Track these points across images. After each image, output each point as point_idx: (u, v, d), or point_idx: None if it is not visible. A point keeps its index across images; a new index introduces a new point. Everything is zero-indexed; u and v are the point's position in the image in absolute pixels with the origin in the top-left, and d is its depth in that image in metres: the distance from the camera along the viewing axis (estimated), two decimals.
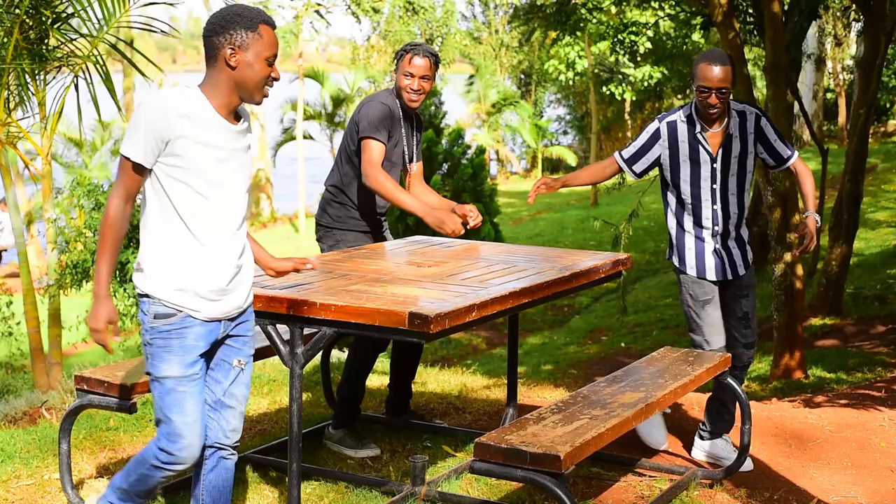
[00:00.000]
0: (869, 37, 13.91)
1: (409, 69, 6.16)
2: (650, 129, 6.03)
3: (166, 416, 4.18)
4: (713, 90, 5.71)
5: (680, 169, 5.95)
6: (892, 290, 14.86)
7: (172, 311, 4.12)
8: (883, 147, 31.34)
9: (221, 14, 4.08)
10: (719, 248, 5.99)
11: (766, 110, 6.09)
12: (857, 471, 6.18)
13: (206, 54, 4.10)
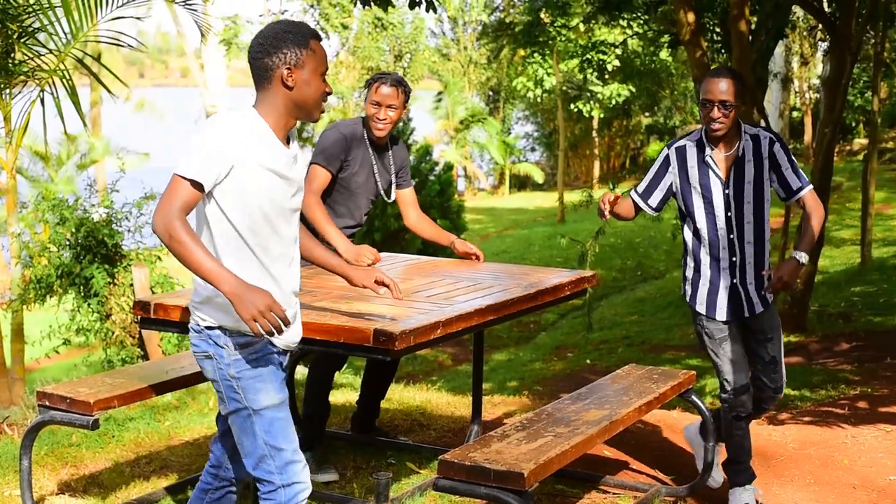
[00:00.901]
0: (835, 56, 13.98)
1: (376, 98, 6.12)
2: (660, 157, 5.74)
3: (275, 447, 3.99)
4: (715, 103, 5.40)
5: (693, 196, 5.61)
6: (857, 307, 14.93)
7: (254, 339, 3.94)
8: (848, 165, 31.53)
9: (269, 33, 3.93)
10: (736, 284, 5.61)
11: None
12: (819, 488, 6.21)
13: (258, 76, 3.95)
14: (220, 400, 4.05)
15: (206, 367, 4.02)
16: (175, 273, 10.18)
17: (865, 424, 7.63)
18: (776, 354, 5.73)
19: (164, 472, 6.30)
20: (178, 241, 3.71)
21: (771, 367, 5.73)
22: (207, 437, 6.95)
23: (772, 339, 5.71)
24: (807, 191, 5.60)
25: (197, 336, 4.01)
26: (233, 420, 4.02)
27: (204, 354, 4.00)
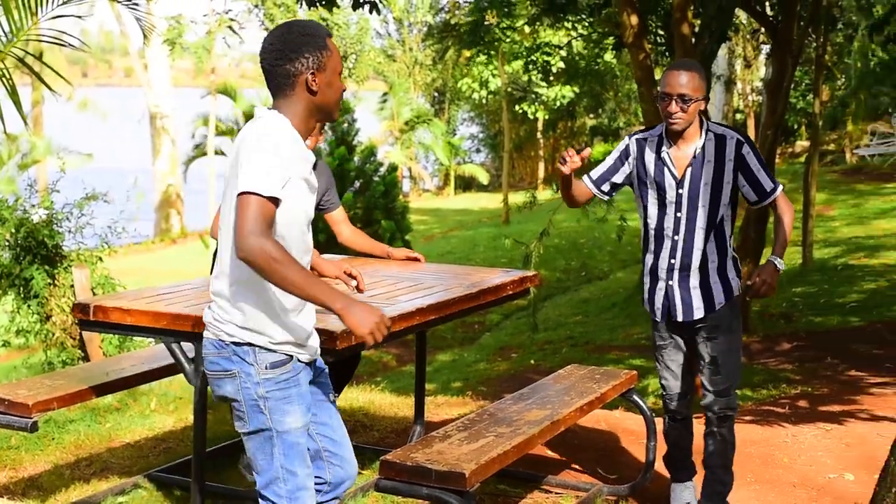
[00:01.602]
0: (777, 59, 14.10)
1: None
2: (621, 146, 5.48)
3: (289, 470, 3.86)
4: (673, 97, 5.10)
5: (646, 191, 5.36)
6: (798, 308, 15.07)
7: (285, 359, 3.83)
8: (790, 167, 31.78)
9: (287, 39, 3.80)
10: (672, 287, 5.36)
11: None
12: (760, 486, 6.25)
13: (278, 83, 3.81)
14: (238, 418, 3.88)
15: (224, 386, 3.85)
16: (116, 274, 10.11)
17: (806, 423, 7.69)
18: (717, 355, 5.39)
19: (105, 474, 6.25)
20: (281, 261, 3.54)
21: (710, 368, 5.42)
22: (149, 439, 6.91)
23: (715, 338, 5.38)
24: (779, 192, 5.33)
25: (217, 353, 3.85)
26: (250, 438, 3.88)
27: (225, 373, 3.84)
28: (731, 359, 5.45)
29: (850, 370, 10.66)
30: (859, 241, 20.30)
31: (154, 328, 4.79)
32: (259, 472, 3.89)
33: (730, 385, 5.47)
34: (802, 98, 33.94)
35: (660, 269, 5.38)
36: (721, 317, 5.38)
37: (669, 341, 5.52)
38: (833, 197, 26.12)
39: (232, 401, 3.86)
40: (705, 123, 5.28)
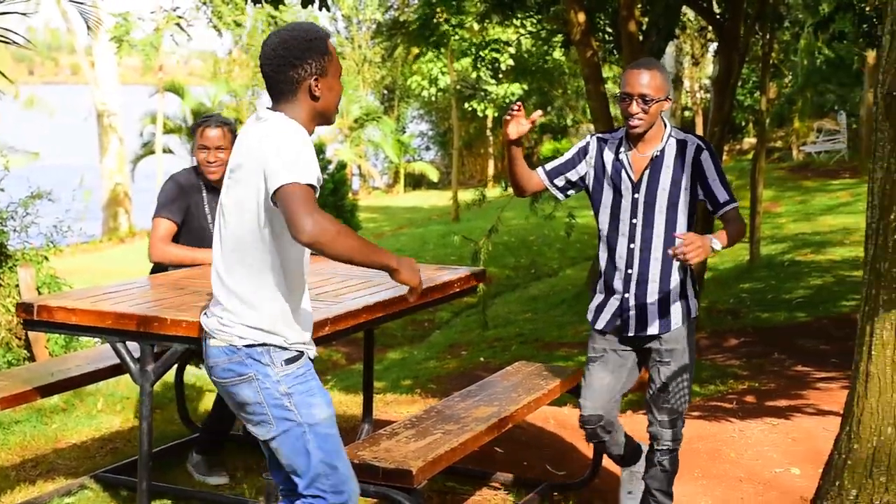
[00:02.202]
0: (723, 57, 14.18)
1: (203, 142, 6.06)
2: (581, 143, 5.18)
3: (331, 464, 3.87)
4: (634, 97, 4.84)
5: (603, 194, 5.06)
6: (745, 304, 15.16)
7: (297, 354, 3.85)
8: (738, 164, 31.99)
9: (289, 44, 3.80)
10: (627, 300, 5.05)
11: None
12: (707, 481, 6.29)
13: (281, 88, 3.82)
14: (260, 424, 3.86)
15: (242, 392, 3.83)
16: (63, 274, 10.03)
17: (752, 418, 7.75)
18: (668, 382, 5.06)
19: (51, 475, 6.20)
20: (343, 232, 3.58)
21: (661, 395, 5.10)
22: (95, 440, 6.86)
23: (668, 362, 5.06)
24: (731, 207, 4.95)
25: (229, 359, 3.83)
26: (281, 441, 3.84)
27: (241, 378, 3.82)
28: (682, 386, 5.11)
29: (797, 365, 10.75)
30: (806, 237, 20.46)
31: (99, 328, 4.75)
32: (300, 473, 3.87)
33: (678, 416, 5.14)
34: (750, 95, 34.16)
35: (615, 279, 5.06)
36: (677, 339, 5.06)
37: (601, 355, 5.16)
38: (780, 194, 26.31)
39: (252, 405, 3.82)
40: (668, 127, 5.02)
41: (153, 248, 5.99)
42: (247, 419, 3.89)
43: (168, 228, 6.01)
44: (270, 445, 3.89)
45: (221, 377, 3.85)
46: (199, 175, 6.16)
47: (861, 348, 4.49)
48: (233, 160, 3.84)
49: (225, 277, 3.83)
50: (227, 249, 3.83)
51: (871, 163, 4.47)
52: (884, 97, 4.33)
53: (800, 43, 29.73)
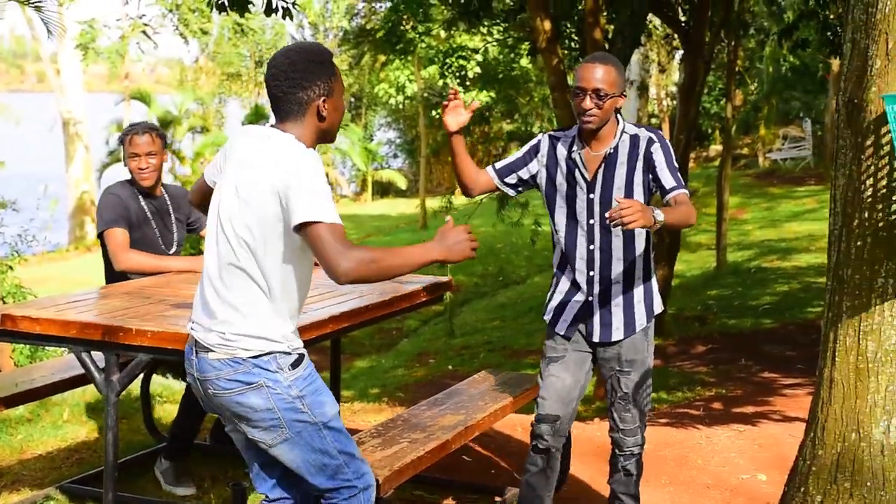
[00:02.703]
0: (689, 64, 14.25)
1: (133, 150, 6.04)
2: (532, 141, 5.02)
3: (349, 453, 3.94)
4: (588, 92, 4.67)
5: (556, 194, 4.91)
6: (712, 310, 15.23)
7: (299, 357, 3.88)
8: (705, 171, 32.13)
9: (299, 66, 3.80)
10: (592, 302, 4.90)
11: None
12: (674, 488, 6.30)
13: (287, 109, 3.81)
14: (268, 429, 3.84)
15: (250, 400, 3.80)
16: (29, 283, 9.98)
17: (719, 425, 7.78)
18: (630, 391, 4.96)
19: (16, 486, 6.16)
20: (379, 260, 3.63)
21: (622, 403, 4.98)
22: (61, 450, 6.82)
23: (629, 372, 4.94)
24: (678, 192, 4.71)
25: (233, 370, 3.80)
26: (294, 444, 3.86)
27: (248, 387, 3.79)
28: (644, 393, 5.02)
29: (764, 372, 10.80)
30: (772, 244, 20.58)
31: (64, 337, 4.73)
32: (319, 470, 3.90)
33: (639, 425, 5.04)
34: (716, 102, 34.31)
35: (578, 280, 4.90)
36: (638, 347, 4.94)
37: (562, 356, 5.00)
38: (746, 200, 26.45)
39: (261, 412, 3.80)
40: (621, 123, 4.84)
41: (119, 258, 5.95)
42: (253, 426, 3.85)
43: (125, 237, 5.98)
44: (275, 451, 3.88)
45: (224, 388, 3.82)
46: (132, 185, 6.14)
47: (825, 354, 4.51)
48: (236, 176, 3.80)
49: (223, 292, 3.81)
50: (226, 263, 3.81)
51: (833, 169, 4.50)
52: (845, 104, 4.36)
53: (765, 50, 29.92)
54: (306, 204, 3.61)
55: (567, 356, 4.99)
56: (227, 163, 3.90)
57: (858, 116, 4.30)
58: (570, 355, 4.99)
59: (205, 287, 3.88)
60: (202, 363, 3.85)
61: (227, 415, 3.91)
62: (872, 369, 4.33)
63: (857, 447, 4.39)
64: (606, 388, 5.06)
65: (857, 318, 4.35)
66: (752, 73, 33.09)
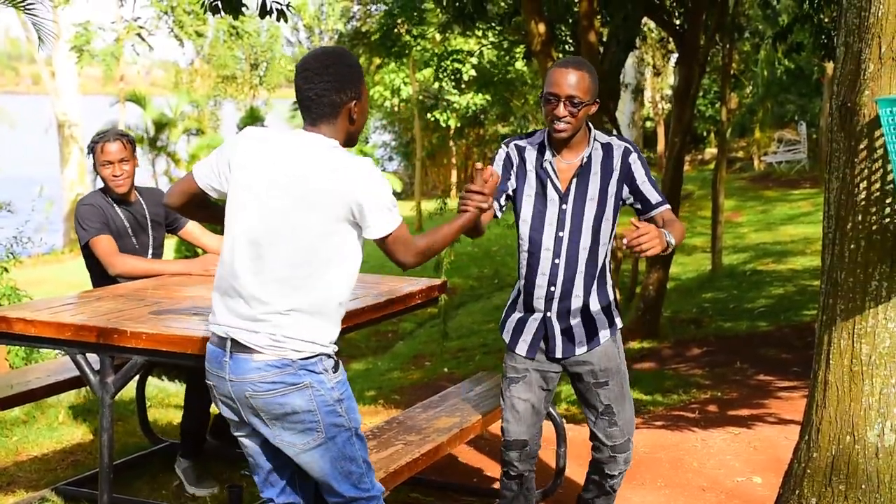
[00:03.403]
0: (684, 67, 14.27)
1: (106, 157, 6.04)
2: (500, 156, 4.71)
3: (367, 462, 4.00)
4: (562, 99, 4.43)
5: (524, 205, 4.65)
6: (707, 313, 15.24)
7: (336, 360, 3.92)
8: (700, 174, 32.15)
9: (334, 70, 3.84)
10: (550, 319, 4.69)
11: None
12: (670, 491, 6.31)
13: (321, 112, 3.84)
14: (307, 431, 3.85)
15: (292, 400, 3.80)
16: (25, 286, 9.98)
17: (715, 427, 7.79)
18: (612, 403, 4.74)
19: (11, 488, 6.16)
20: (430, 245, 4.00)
21: (605, 418, 4.75)
22: (56, 452, 6.82)
23: (606, 383, 4.73)
24: (665, 208, 4.59)
25: (280, 371, 3.79)
26: (326, 448, 3.87)
27: (293, 387, 3.79)
28: (627, 405, 4.80)
29: (759, 374, 10.81)
30: (767, 246, 20.59)
31: (58, 339, 4.73)
32: (345, 477, 3.93)
33: (629, 437, 4.83)
34: (711, 106, 34.35)
35: (536, 297, 4.68)
36: (610, 356, 4.74)
37: (524, 375, 4.77)
38: (741, 203, 26.47)
39: (301, 414, 3.81)
40: (592, 131, 4.62)
41: (112, 263, 5.92)
42: (287, 429, 3.84)
43: (111, 242, 5.97)
44: (305, 455, 3.87)
45: (267, 389, 3.80)
46: (105, 193, 6.14)
47: (819, 357, 4.52)
48: (279, 176, 3.79)
49: (274, 295, 3.79)
50: (273, 268, 3.79)
51: (827, 172, 4.51)
52: (838, 108, 4.38)
53: (760, 54, 29.95)
54: (385, 218, 3.80)
55: (529, 375, 4.76)
56: (240, 170, 3.86)
57: (852, 120, 4.31)
58: (531, 374, 4.76)
59: (245, 289, 3.82)
60: (243, 364, 3.82)
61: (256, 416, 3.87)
62: (867, 372, 4.35)
63: (852, 450, 4.40)
64: (584, 407, 4.86)
65: (851, 321, 4.36)
66: (747, 77, 33.17)
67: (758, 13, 23.54)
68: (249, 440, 4.00)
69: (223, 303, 3.88)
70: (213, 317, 3.92)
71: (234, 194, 3.87)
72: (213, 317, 3.92)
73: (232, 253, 3.84)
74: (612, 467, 4.82)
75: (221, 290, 3.89)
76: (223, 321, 3.86)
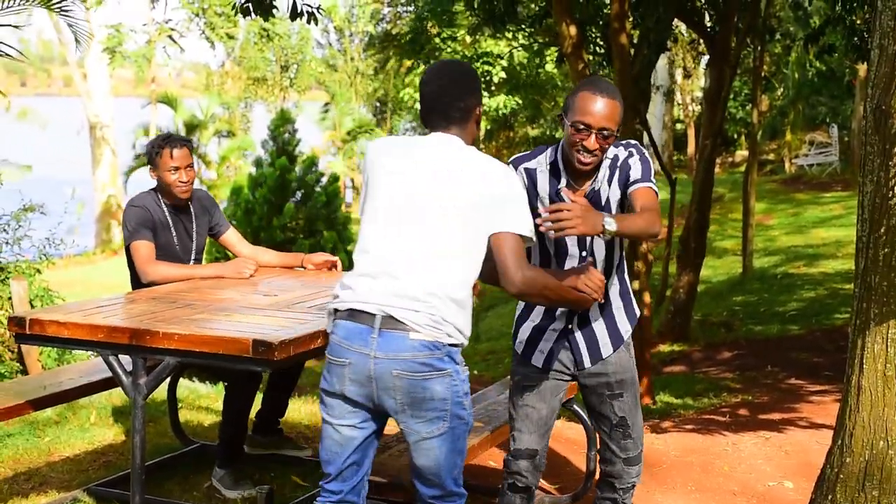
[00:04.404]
0: (715, 69, 14.24)
1: (174, 163, 6.03)
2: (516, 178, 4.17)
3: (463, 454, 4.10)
4: (594, 130, 4.21)
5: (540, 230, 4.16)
6: (738, 316, 15.19)
7: None
8: (730, 177, 32.05)
9: (464, 76, 4.12)
10: (572, 329, 4.55)
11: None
12: (700, 495, 6.29)
13: (456, 116, 4.08)
14: (435, 420, 3.92)
15: (434, 386, 3.88)
16: (56, 287, 10.02)
17: (746, 431, 7.76)
18: (626, 415, 4.60)
19: (44, 488, 6.18)
20: (547, 288, 3.99)
21: (620, 430, 4.61)
22: (88, 453, 6.85)
23: (621, 394, 4.59)
24: (643, 185, 4.33)
25: (430, 354, 3.87)
26: (444, 440, 3.96)
27: (439, 373, 3.89)
28: (638, 416, 4.67)
29: (790, 378, 10.77)
30: (798, 250, 20.51)
31: (91, 341, 4.75)
32: (451, 471, 4.02)
33: (641, 449, 4.69)
34: (742, 108, 34.25)
35: (555, 311, 4.55)
36: (626, 365, 4.60)
37: (537, 384, 4.64)
38: (772, 206, 26.37)
39: (437, 402, 3.90)
40: None
41: (145, 271, 5.91)
42: (418, 416, 3.92)
43: (150, 249, 5.96)
44: (425, 444, 3.95)
45: (416, 370, 3.86)
46: (158, 196, 6.15)
47: (852, 361, 4.50)
48: (433, 174, 3.99)
49: (436, 278, 3.91)
50: (427, 255, 3.93)
51: (860, 175, 4.49)
52: (873, 111, 4.35)
53: (791, 55, 29.83)
54: (512, 218, 3.94)
55: (542, 384, 4.62)
56: (384, 157, 4.07)
57: (886, 123, 4.28)
58: (545, 383, 4.63)
59: (402, 271, 3.93)
60: (395, 341, 3.87)
61: (390, 398, 3.91)
62: None
63: (886, 455, 4.37)
64: (593, 418, 4.73)
65: (886, 325, 4.34)
66: (779, 79, 33.05)
67: (789, 15, 23.47)
68: (351, 430, 4.02)
69: (374, 283, 3.94)
70: (350, 294, 3.97)
71: (379, 180, 4.04)
72: (350, 294, 3.97)
73: (385, 239, 3.97)
74: (623, 480, 4.67)
75: (370, 273, 3.96)
76: (375, 299, 3.91)
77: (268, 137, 19.12)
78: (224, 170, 35.19)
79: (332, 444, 4.04)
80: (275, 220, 17.53)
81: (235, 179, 22.17)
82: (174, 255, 6.13)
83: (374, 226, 3.99)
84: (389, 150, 4.07)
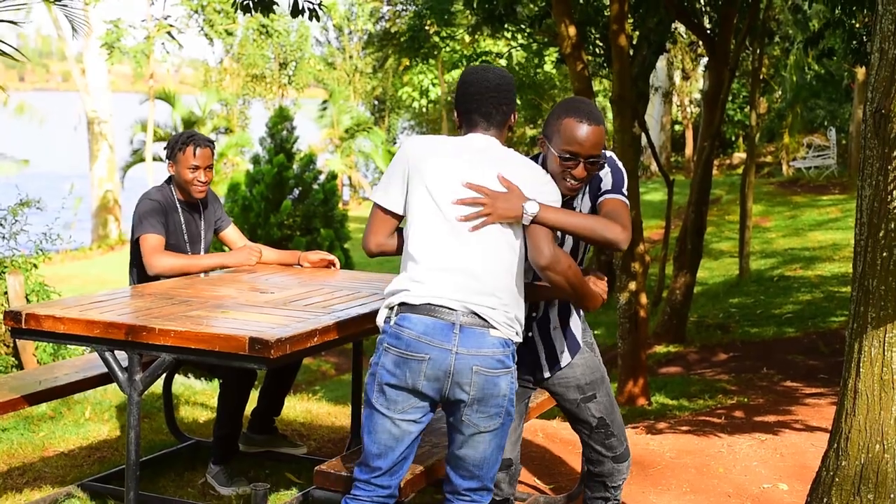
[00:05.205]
0: (713, 71, 14.24)
1: (195, 162, 6.04)
2: None
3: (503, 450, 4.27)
4: (582, 159, 4.14)
5: None
6: (734, 318, 15.19)
7: None
8: (728, 179, 32.04)
9: (507, 82, 4.24)
10: (533, 336, 4.48)
11: (612, 142, 4.72)
12: (695, 496, 6.28)
13: (496, 120, 4.22)
14: (495, 416, 4.07)
15: (501, 382, 4.04)
16: (53, 282, 10.01)
17: (741, 433, 7.76)
18: (604, 415, 4.55)
19: (38, 483, 6.18)
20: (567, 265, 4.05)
21: (601, 431, 4.56)
22: (83, 448, 6.84)
23: (594, 396, 4.53)
24: (611, 196, 4.25)
25: (503, 351, 4.03)
26: (496, 435, 4.11)
27: (506, 370, 4.04)
28: (616, 412, 4.62)
29: (786, 381, 10.77)
30: (795, 252, 20.51)
31: (87, 336, 4.74)
32: (492, 466, 4.18)
33: (626, 443, 4.66)
34: (740, 110, 34.26)
35: None
36: (592, 366, 4.56)
37: None
38: (770, 209, 26.36)
39: (500, 398, 4.03)
40: None
41: (150, 263, 5.89)
42: (482, 411, 4.03)
43: (159, 241, 5.95)
44: (479, 437, 4.08)
45: (492, 366, 4.00)
46: (172, 191, 6.14)
47: (849, 365, 4.49)
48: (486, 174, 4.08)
49: (507, 279, 4.06)
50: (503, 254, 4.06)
51: (859, 179, 4.48)
52: (872, 115, 4.34)
53: (789, 58, 29.83)
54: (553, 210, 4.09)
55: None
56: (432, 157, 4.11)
57: (885, 127, 4.28)
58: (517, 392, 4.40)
59: (475, 268, 4.02)
60: (478, 338, 3.99)
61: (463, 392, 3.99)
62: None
63: (881, 459, 4.37)
64: (575, 425, 4.66)
65: (883, 329, 4.34)
66: (777, 81, 33.03)
67: (788, 18, 23.46)
68: (410, 425, 4.08)
69: (450, 278, 4.01)
70: (423, 288, 4.02)
71: (433, 179, 4.09)
72: (423, 288, 4.02)
73: (452, 236, 4.04)
74: (615, 478, 4.65)
75: (444, 268, 4.03)
76: (455, 295, 3.99)
77: (266, 134, 19.10)
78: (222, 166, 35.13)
79: (388, 439, 4.08)
80: (272, 217, 17.53)
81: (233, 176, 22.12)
82: (183, 250, 6.13)
83: (437, 222, 4.05)
84: (436, 150, 4.13)
